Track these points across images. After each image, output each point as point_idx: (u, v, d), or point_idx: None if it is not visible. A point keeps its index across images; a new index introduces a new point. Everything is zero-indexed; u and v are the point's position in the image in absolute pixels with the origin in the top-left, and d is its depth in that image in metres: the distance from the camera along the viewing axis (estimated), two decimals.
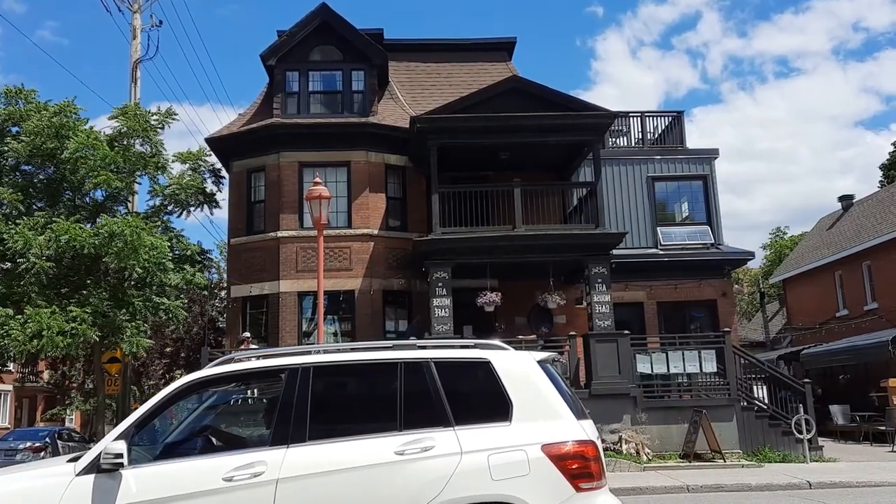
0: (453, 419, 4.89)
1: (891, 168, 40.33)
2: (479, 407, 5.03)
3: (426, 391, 5.02)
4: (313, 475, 4.72)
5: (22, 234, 14.46)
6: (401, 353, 5.30)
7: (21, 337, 13.94)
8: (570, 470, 4.76)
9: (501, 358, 5.17)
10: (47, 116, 15.87)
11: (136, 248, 14.59)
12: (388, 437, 4.84)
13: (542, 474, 4.72)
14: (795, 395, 16.38)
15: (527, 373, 5.09)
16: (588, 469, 4.81)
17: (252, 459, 4.78)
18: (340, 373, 5.34)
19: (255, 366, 5.40)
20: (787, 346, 29.97)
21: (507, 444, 4.79)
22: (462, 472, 4.69)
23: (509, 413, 4.92)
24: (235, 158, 19.30)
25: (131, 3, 21.28)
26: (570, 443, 4.84)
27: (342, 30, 19.07)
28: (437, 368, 5.09)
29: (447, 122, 16.80)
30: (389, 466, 4.74)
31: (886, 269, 24.24)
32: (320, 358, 5.30)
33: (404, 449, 4.78)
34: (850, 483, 12.34)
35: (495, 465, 4.71)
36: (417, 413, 4.96)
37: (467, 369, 5.20)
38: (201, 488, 4.69)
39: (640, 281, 19.71)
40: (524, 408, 4.94)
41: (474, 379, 5.14)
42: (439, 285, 16.14)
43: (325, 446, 4.84)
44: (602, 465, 4.98)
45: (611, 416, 15.19)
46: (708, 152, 21.25)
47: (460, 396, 5.04)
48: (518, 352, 5.35)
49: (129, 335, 15.02)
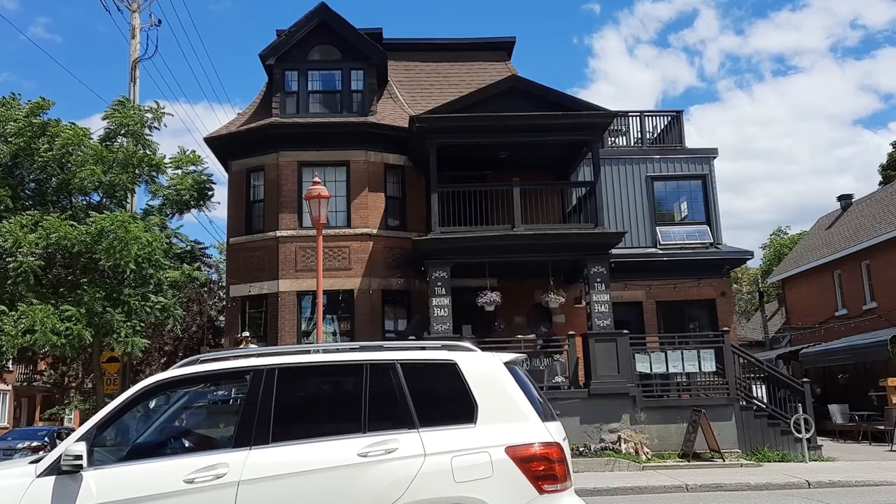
0: (418, 421, 4.89)
1: (889, 167, 40.33)
2: (445, 408, 5.04)
3: (391, 393, 5.02)
4: (275, 477, 4.71)
5: (12, 231, 14.43)
6: (367, 355, 5.28)
7: (13, 332, 13.93)
8: (533, 472, 4.76)
9: (468, 359, 5.16)
10: (23, 114, 15.87)
11: (126, 243, 14.56)
12: (352, 439, 4.84)
13: (506, 476, 4.73)
14: (794, 395, 16.40)
15: (493, 374, 5.09)
16: (552, 471, 4.82)
17: (214, 461, 4.77)
18: (305, 374, 5.31)
19: (219, 367, 5.34)
20: (785, 346, 30.00)
21: (470, 445, 4.80)
22: (425, 473, 4.70)
23: (474, 415, 4.92)
24: (234, 158, 19.30)
25: (130, 2, 21.27)
26: (535, 445, 4.84)
27: (341, 29, 19.06)
28: (403, 370, 5.08)
29: (446, 121, 16.80)
30: (352, 468, 4.73)
31: (885, 268, 24.25)
32: (285, 360, 5.28)
33: (368, 451, 4.77)
34: (849, 482, 12.36)
35: (458, 467, 4.72)
36: (382, 415, 4.97)
37: (433, 371, 5.19)
38: (162, 490, 4.67)
39: (639, 280, 19.73)
40: (489, 409, 4.94)
41: (440, 380, 5.13)
42: (438, 285, 16.14)
43: (289, 448, 4.83)
44: (568, 467, 4.99)
45: (610, 416, 15.21)
46: (707, 152, 21.26)
47: (426, 398, 5.03)
48: (485, 353, 5.33)
49: (123, 335, 15.00)
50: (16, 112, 16.07)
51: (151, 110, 17.33)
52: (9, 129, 15.85)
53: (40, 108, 16.32)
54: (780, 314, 36.21)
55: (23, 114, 15.99)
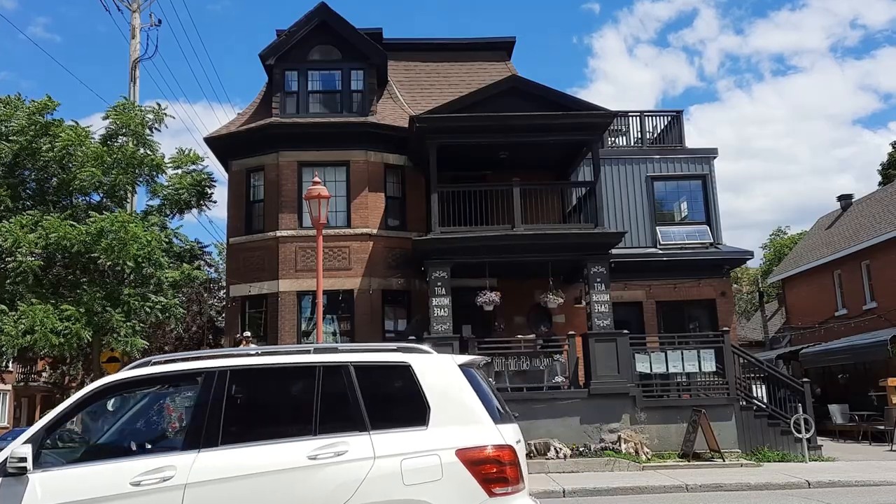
0: (370, 423, 4.89)
1: (889, 167, 40.33)
2: (397, 411, 5.03)
3: (344, 395, 5.01)
4: (222, 480, 4.69)
5: (12, 231, 14.44)
6: (320, 357, 5.26)
7: (14, 332, 13.94)
8: (483, 474, 4.75)
9: (422, 362, 5.15)
10: (25, 115, 15.88)
11: (125, 242, 14.57)
12: (302, 442, 4.83)
13: (455, 479, 4.72)
14: (794, 395, 16.41)
15: (447, 377, 5.09)
16: (503, 474, 4.80)
17: (162, 464, 4.74)
18: (257, 377, 5.28)
19: (170, 370, 5.30)
20: (785, 346, 30.00)
21: (421, 448, 4.79)
22: (374, 476, 4.69)
23: (426, 417, 4.91)
24: (234, 158, 19.30)
25: (130, 2, 21.28)
26: (487, 447, 4.82)
27: (341, 29, 19.07)
28: (357, 372, 5.07)
29: (446, 121, 16.80)
30: (301, 471, 4.72)
31: (885, 268, 24.25)
32: (237, 361, 5.27)
33: (317, 453, 4.76)
34: (848, 482, 12.37)
35: (408, 470, 4.71)
36: (334, 417, 4.97)
37: (387, 373, 5.18)
38: (107, 493, 4.63)
39: (639, 280, 19.74)
40: (442, 412, 4.94)
41: (394, 383, 5.13)
42: (438, 285, 16.14)
43: (238, 450, 4.81)
44: (520, 469, 4.97)
45: (610, 416, 15.22)
46: (707, 152, 21.27)
47: (379, 400, 5.04)
48: (440, 356, 5.32)
49: (123, 335, 15.01)
50: (21, 112, 16.08)
51: (153, 111, 17.35)
52: (12, 127, 15.86)
53: (46, 107, 16.33)
54: (780, 314, 36.22)
55: (27, 113, 16.00)
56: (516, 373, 15.82)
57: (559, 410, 15.23)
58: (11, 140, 15.86)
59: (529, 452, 14.37)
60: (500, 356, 15.88)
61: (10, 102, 16.57)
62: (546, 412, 15.14)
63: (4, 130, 16.10)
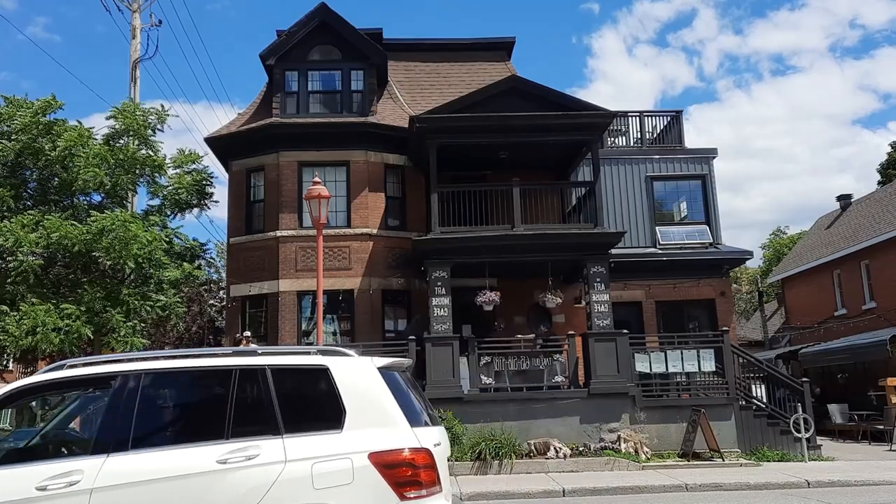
0: (283, 427, 4.88)
1: (889, 167, 40.36)
2: (313, 414, 5.03)
3: (259, 399, 5.01)
4: (129, 485, 4.65)
5: (13, 231, 14.47)
6: (237, 360, 5.24)
7: (17, 333, 13.96)
8: (396, 478, 4.76)
9: (341, 365, 5.15)
10: (30, 114, 15.90)
11: (126, 242, 14.60)
12: (213, 446, 4.81)
13: (367, 483, 4.73)
14: (794, 394, 16.43)
15: (365, 380, 5.09)
16: (417, 477, 4.81)
17: (70, 468, 4.70)
18: (172, 380, 5.26)
19: (83, 373, 5.24)
20: (785, 346, 30.03)
21: (334, 452, 4.79)
22: (283, 480, 4.68)
23: (342, 421, 4.92)
24: (234, 158, 19.33)
25: (130, 2, 21.30)
26: (401, 450, 4.83)
27: (341, 29, 19.09)
28: (273, 375, 5.06)
29: (446, 121, 16.82)
30: (209, 475, 4.69)
31: (885, 268, 24.28)
32: (151, 365, 5.24)
33: (227, 458, 4.74)
34: (848, 482, 12.38)
35: (319, 474, 4.71)
36: (248, 421, 4.96)
37: (305, 376, 5.18)
38: (11, 497, 4.59)
39: (638, 280, 19.77)
40: (358, 415, 4.94)
41: (311, 386, 5.12)
42: (438, 284, 16.16)
43: (147, 455, 4.80)
44: (437, 473, 4.97)
45: (609, 416, 15.24)
46: (706, 152, 21.30)
47: (294, 404, 5.03)
48: (359, 358, 5.32)
49: (123, 335, 15.04)
50: (24, 111, 16.09)
51: (156, 112, 17.36)
52: (14, 126, 15.87)
53: (49, 107, 16.34)
54: (780, 314, 36.23)
55: (31, 112, 16.01)
56: (516, 372, 15.84)
57: (559, 410, 15.26)
58: (14, 139, 15.87)
59: (529, 452, 14.41)
60: (500, 356, 15.91)
61: (13, 101, 16.60)
62: (546, 412, 15.17)
63: (7, 129, 16.13)
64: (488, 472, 13.85)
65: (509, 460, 13.96)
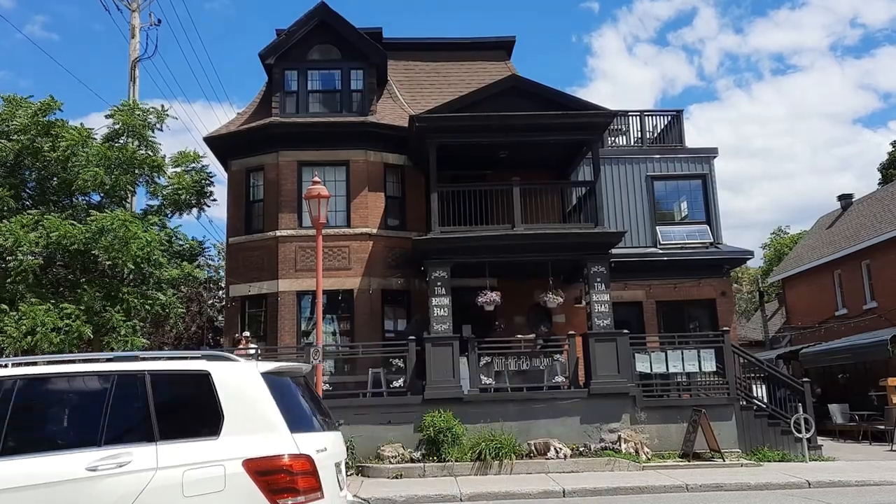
0: (158, 433, 4.83)
1: (889, 166, 40.34)
2: (191, 421, 4.99)
3: (136, 404, 4.96)
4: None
5: (12, 231, 14.44)
6: (115, 365, 5.19)
7: (16, 333, 13.94)
8: (271, 485, 4.72)
9: (222, 370, 5.11)
10: (30, 114, 15.88)
11: (126, 242, 14.58)
12: (85, 453, 4.75)
13: (238, 490, 4.68)
14: (794, 395, 16.40)
15: (246, 386, 5.04)
16: (293, 484, 4.77)
17: None
18: (47, 385, 5.16)
19: None
20: (786, 346, 29.99)
21: (207, 458, 4.74)
22: (153, 488, 4.62)
23: (219, 427, 4.87)
24: (234, 157, 19.30)
25: (130, 1, 21.28)
26: (277, 457, 4.79)
27: (341, 29, 19.06)
28: (153, 381, 5.02)
29: (446, 121, 16.79)
30: (79, 482, 4.63)
31: (885, 268, 24.24)
32: (27, 370, 5.18)
33: (98, 465, 4.68)
34: (849, 482, 12.35)
35: (189, 482, 4.66)
36: (123, 427, 4.92)
37: (185, 382, 5.12)
38: None
39: (639, 280, 19.73)
40: (236, 422, 4.89)
41: (191, 392, 5.07)
42: (438, 284, 16.13)
43: (17, 461, 4.73)
44: (317, 479, 4.93)
45: (610, 416, 15.21)
46: (707, 151, 21.26)
47: (172, 410, 5.00)
48: (243, 364, 5.27)
49: (123, 334, 15.01)
50: (24, 111, 16.08)
51: (156, 112, 17.34)
52: (13, 126, 15.86)
53: (49, 107, 16.33)
54: (781, 314, 36.21)
55: (30, 112, 16.00)
56: (516, 373, 15.81)
57: (559, 410, 15.22)
58: (13, 139, 15.85)
59: (529, 452, 14.37)
60: (500, 356, 15.88)
61: (12, 100, 16.58)
62: (546, 412, 15.13)
63: (7, 129, 16.12)
64: (488, 472, 13.82)
65: (509, 460, 13.93)
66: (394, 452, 14.31)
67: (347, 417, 14.63)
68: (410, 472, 13.79)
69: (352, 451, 14.21)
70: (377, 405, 15.09)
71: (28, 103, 16.42)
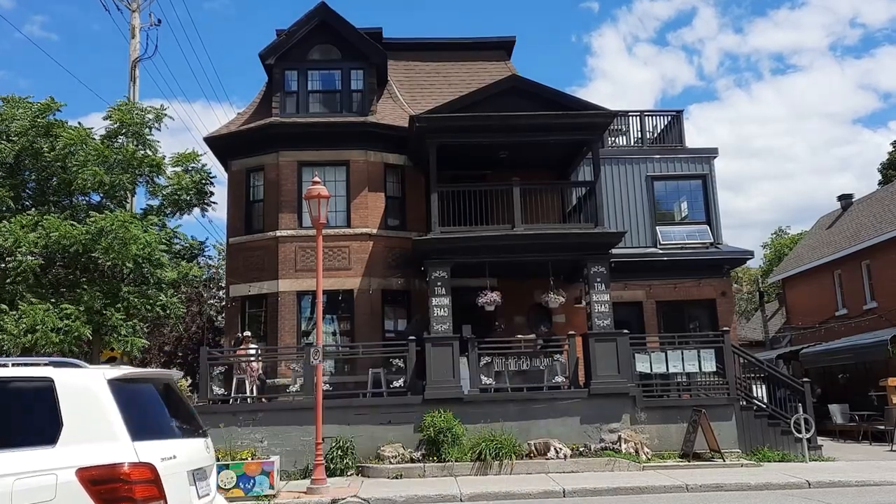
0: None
1: (890, 167, 40.33)
2: (28, 428, 4.89)
3: None
4: None
5: (12, 231, 14.45)
6: None
7: (16, 331, 13.94)
8: (105, 494, 4.65)
9: (66, 377, 5.03)
10: (30, 115, 15.88)
11: (125, 242, 14.58)
12: None
13: (69, 499, 4.61)
14: (794, 395, 16.40)
15: (89, 394, 4.96)
16: (130, 493, 4.70)
17: None
18: None
19: None
20: (786, 346, 29.99)
21: (41, 467, 4.66)
22: None
23: (57, 435, 4.79)
24: (234, 158, 19.30)
25: (130, 1, 21.28)
26: (116, 465, 4.72)
27: (341, 29, 19.06)
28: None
29: (446, 121, 16.79)
30: None
31: (886, 268, 24.24)
32: None
33: None
34: (849, 482, 12.35)
35: (19, 491, 4.57)
36: None
37: (26, 388, 5.02)
38: None
39: (639, 280, 19.73)
40: (76, 430, 4.81)
41: (31, 399, 4.98)
42: (438, 284, 16.13)
43: None
44: (159, 488, 4.87)
45: (610, 416, 15.21)
46: (707, 151, 21.27)
47: (10, 417, 4.91)
48: (88, 371, 5.19)
49: (123, 334, 15.01)
50: (24, 112, 16.08)
51: (154, 111, 17.34)
52: (13, 128, 15.86)
53: (49, 108, 16.33)
54: (781, 314, 36.20)
55: (31, 114, 16.00)
56: (516, 373, 15.81)
57: (559, 410, 15.22)
58: (13, 140, 15.86)
59: (530, 452, 14.37)
60: (501, 356, 15.88)
61: (11, 100, 16.58)
62: (546, 412, 15.14)
63: (7, 130, 16.12)
64: (488, 472, 13.82)
65: (509, 461, 13.94)
66: (394, 452, 14.31)
67: (348, 418, 14.66)
68: (410, 473, 13.79)
69: (352, 451, 14.22)
70: (377, 405, 15.09)
71: (28, 103, 16.42)
